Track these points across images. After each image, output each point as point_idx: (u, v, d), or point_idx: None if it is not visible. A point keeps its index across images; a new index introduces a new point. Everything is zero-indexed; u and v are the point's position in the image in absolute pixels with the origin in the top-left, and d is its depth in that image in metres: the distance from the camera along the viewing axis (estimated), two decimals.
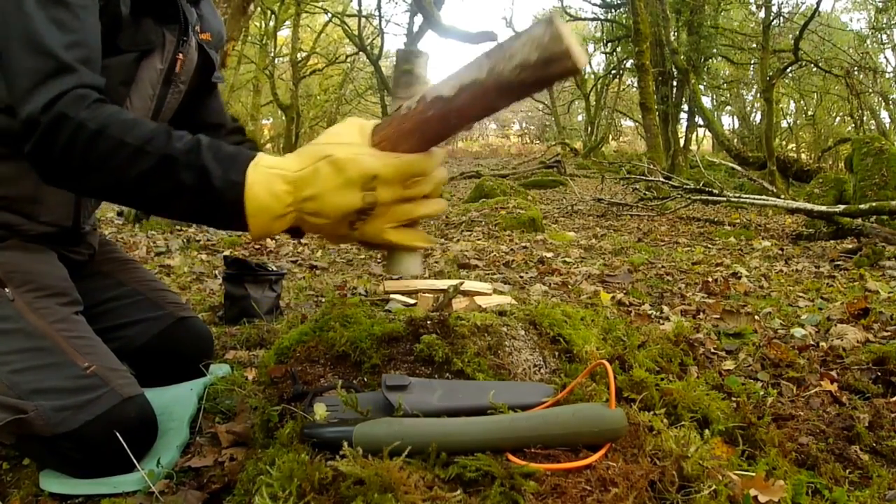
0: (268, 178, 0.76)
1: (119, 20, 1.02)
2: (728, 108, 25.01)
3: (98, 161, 0.81)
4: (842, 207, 5.09)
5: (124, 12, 1.03)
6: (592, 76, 23.88)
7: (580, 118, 31.23)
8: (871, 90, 15.82)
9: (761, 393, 1.31)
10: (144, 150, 0.79)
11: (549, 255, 4.01)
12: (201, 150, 0.79)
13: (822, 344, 1.74)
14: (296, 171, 0.75)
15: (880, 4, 16.39)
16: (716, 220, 7.10)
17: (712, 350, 1.65)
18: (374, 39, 19.14)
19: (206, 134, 1.30)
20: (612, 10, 19.41)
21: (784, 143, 22.09)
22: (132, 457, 0.96)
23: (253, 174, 0.76)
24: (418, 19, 15.27)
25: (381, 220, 0.77)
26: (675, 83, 16.42)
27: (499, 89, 0.69)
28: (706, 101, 20.22)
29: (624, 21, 18.09)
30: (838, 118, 22.19)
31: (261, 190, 0.75)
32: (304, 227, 0.80)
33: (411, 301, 1.26)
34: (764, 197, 6.44)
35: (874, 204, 4.87)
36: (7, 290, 1.03)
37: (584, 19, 21.78)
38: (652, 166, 9.21)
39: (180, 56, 1.18)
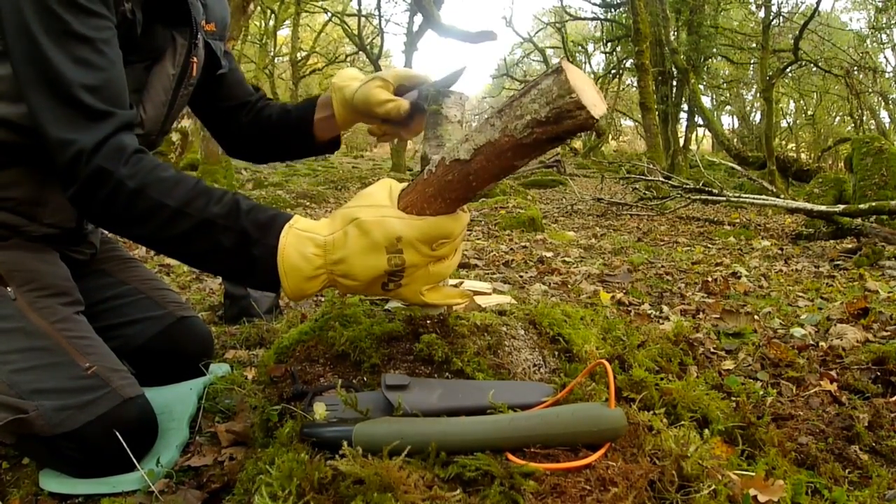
0: (300, 240, 0.78)
1: (134, 42, 1.00)
2: (728, 107, 25.04)
3: (137, 219, 0.83)
4: (841, 207, 5.09)
5: (138, 31, 1.00)
6: (592, 76, 23.87)
7: None
8: (870, 90, 15.83)
9: (761, 393, 1.31)
10: (184, 212, 0.81)
11: (549, 254, 4.01)
12: (240, 215, 0.81)
13: (822, 344, 1.74)
14: (326, 235, 0.78)
15: (880, 4, 16.39)
16: (715, 219, 7.10)
17: (712, 350, 1.65)
18: (373, 39, 19.15)
19: (232, 116, 1.33)
20: (612, 10, 19.42)
21: (784, 142, 22.10)
22: (132, 457, 0.96)
23: (286, 237, 0.79)
24: (418, 19, 15.27)
25: (417, 282, 0.80)
26: (674, 83, 16.44)
27: (514, 149, 0.66)
28: (706, 101, 20.25)
29: (624, 21, 18.11)
30: (838, 118, 22.21)
31: (292, 252, 0.78)
32: (338, 287, 0.82)
33: None
34: (764, 197, 6.44)
35: (874, 204, 4.87)
36: (9, 288, 1.03)
37: (584, 19, 21.79)
38: (651, 166, 9.21)
39: (194, 60, 1.16)
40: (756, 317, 2.10)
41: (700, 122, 18.12)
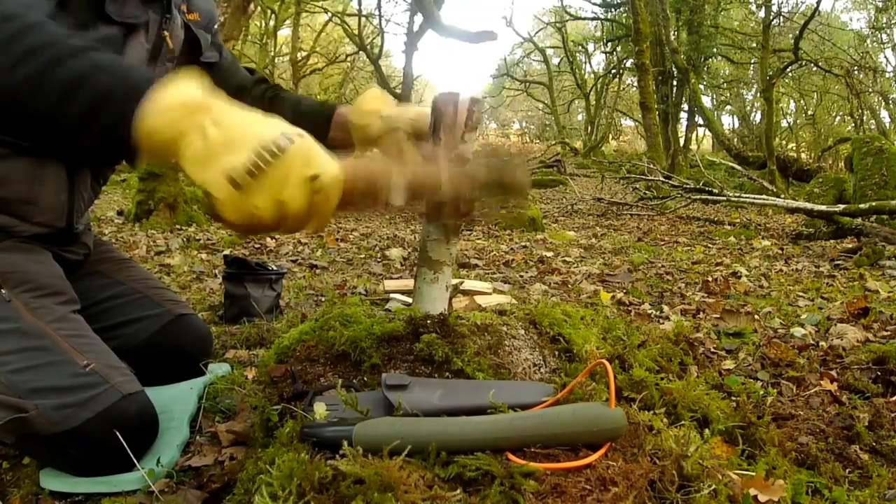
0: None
1: (101, 6, 1.02)
2: (728, 107, 25.02)
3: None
4: (842, 207, 5.10)
5: None
6: (592, 76, 23.88)
7: (580, 117, 31.25)
8: (871, 90, 15.81)
9: (761, 392, 1.31)
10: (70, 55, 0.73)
11: (549, 254, 4.01)
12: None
13: (822, 343, 1.74)
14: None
15: (880, 4, 16.38)
16: (716, 219, 7.10)
17: (712, 349, 1.65)
18: (374, 39, 19.13)
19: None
20: (613, 10, 19.41)
21: (784, 142, 22.09)
22: (132, 456, 0.96)
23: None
24: (418, 18, 15.27)
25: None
26: (675, 82, 16.43)
27: None
28: (706, 101, 20.24)
29: (624, 20, 18.11)
30: (838, 118, 22.19)
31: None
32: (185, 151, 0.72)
33: (410, 300, 1.26)
34: (764, 196, 6.44)
35: (874, 203, 4.88)
36: (3, 290, 1.03)
37: (585, 19, 21.79)
38: (652, 166, 9.20)
39: (166, 33, 1.18)
40: (756, 317, 2.10)
41: (700, 121, 18.11)
